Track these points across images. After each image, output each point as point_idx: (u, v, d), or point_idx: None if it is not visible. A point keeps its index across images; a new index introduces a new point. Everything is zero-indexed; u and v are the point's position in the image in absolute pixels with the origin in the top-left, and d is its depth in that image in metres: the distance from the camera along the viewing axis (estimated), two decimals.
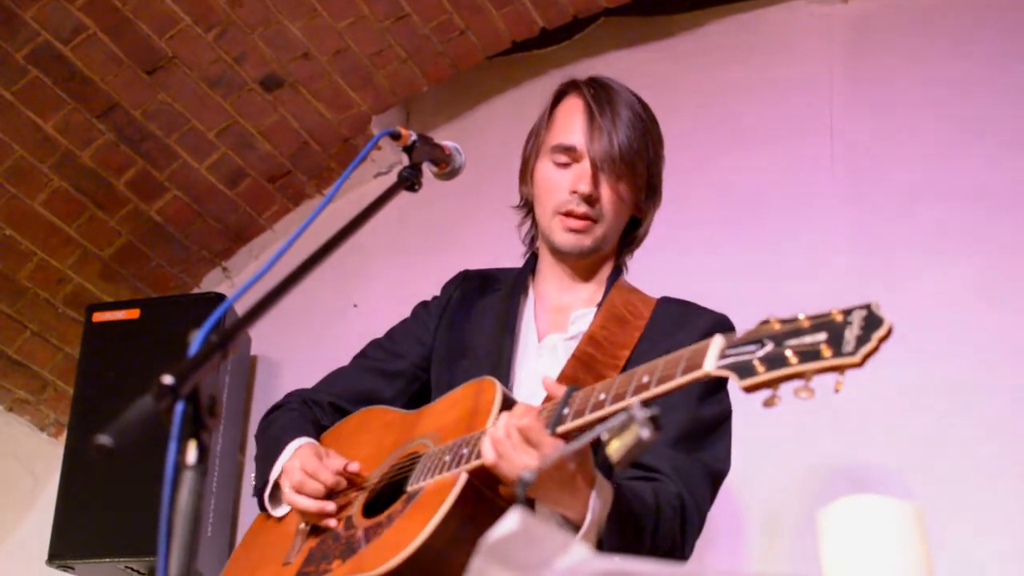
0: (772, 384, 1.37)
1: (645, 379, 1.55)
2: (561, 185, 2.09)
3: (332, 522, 1.94)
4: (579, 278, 2.17)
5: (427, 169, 2.03)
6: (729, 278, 3.22)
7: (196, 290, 4.30)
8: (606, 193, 2.08)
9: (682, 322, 2.04)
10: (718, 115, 3.71)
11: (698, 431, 1.95)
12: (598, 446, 1.92)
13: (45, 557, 3.59)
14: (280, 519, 2.10)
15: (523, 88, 4.04)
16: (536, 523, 0.96)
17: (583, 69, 3.98)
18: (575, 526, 1.71)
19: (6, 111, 3.53)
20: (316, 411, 2.22)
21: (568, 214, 2.08)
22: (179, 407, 1.17)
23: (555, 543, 0.96)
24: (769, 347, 1.38)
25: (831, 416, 3.10)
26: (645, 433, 1.36)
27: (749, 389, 1.38)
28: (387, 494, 1.90)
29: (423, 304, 2.31)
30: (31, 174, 3.70)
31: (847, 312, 1.35)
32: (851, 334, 1.32)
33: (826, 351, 1.33)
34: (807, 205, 3.44)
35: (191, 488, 1.15)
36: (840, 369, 1.32)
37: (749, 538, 3.12)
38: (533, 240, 2.26)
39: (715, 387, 2.00)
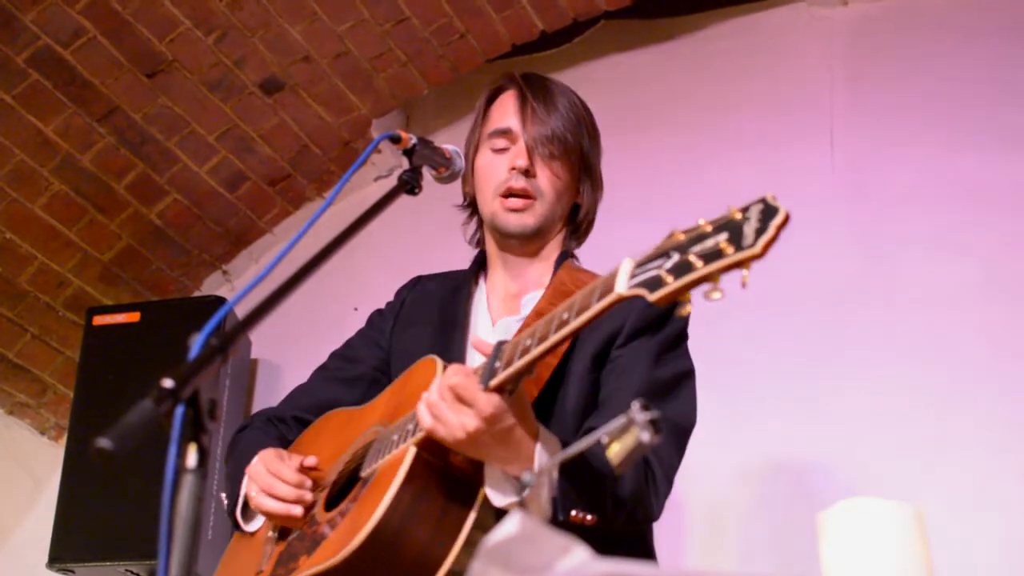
0: (681, 292, 1.40)
1: (565, 316, 1.57)
2: (500, 168, 2.13)
3: (298, 519, 1.94)
4: (527, 264, 2.18)
5: (427, 172, 2.03)
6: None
7: (196, 293, 4.30)
8: (543, 171, 2.12)
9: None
10: (718, 118, 3.71)
11: (657, 391, 1.93)
12: (554, 404, 1.93)
13: (45, 560, 3.59)
14: (253, 534, 2.09)
15: None
16: (537, 525, 0.96)
17: (583, 72, 4.02)
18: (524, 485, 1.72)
19: (6, 115, 3.54)
20: (281, 428, 2.22)
21: (508, 193, 2.10)
22: (179, 411, 1.17)
23: (556, 545, 0.96)
24: (675, 257, 1.41)
25: (831, 418, 3.11)
26: (645, 436, 1.37)
27: (659, 301, 1.41)
28: (346, 486, 1.92)
29: (378, 311, 2.34)
30: (31, 178, 3.70)
31: (745, 209, 1.38)
32: (750, 228, 1.35)
33: (728, 249, 1.35)
34: (807, 207, 3.42)
35: (191, 491, 1.16)
36: (743, 264, 1.34)
37: (749, 539, 3.12)
38: (480, 241, 2.28)
39: (672, 345, 2.01)
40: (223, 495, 2.19)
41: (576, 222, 2.22)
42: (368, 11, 3.66)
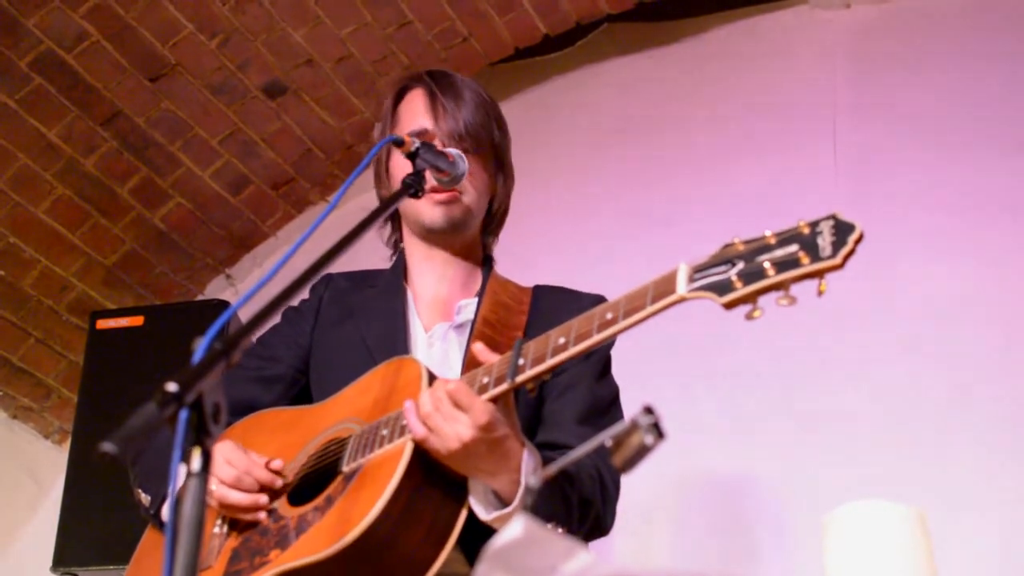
0: (752, 298, 1.41)
1: (609, 316, 1.56)
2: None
3: (261, 515, 1.88)
4: (453, 266, 2.18)
5: (430, 176, 2.04)
6: None
7: (200, 297, 4.30)
8: None
9: (564, 306, 2.08)
10: (721, 120, 3.71)
11: (599, 408, 2.01)
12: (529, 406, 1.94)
13: (49, 564, 3.59)
14: None
15: (526, 95, 4.04)
16: (540, 528, 0.96)
17: (586, 75, 4.02)
18: (504, 500, 1.73)
19: (10, 119, 3.54)
20: None
21: (433, 190, 2.07)
22: (183, 414, 1.17)
23: (560, 548, 0.96)
24: (741, 264, 1.42)
25: (834, 421, 3.10)
26: (649, 439, 1.37)
27: (729, 305, 1.42)
28: (313, 483, 1.87)
29: (293, 308, 2.26)
30: (35, 182, 3.71)
31: (813, 224, 1.40)
32: (825, 241, 1.37)
33: (804, 259, 1.37)
34: (811, 209, 3.41)
35: (195, 495, 1.16)
36: (821, 274, 1.37)
37: (754, 542, 3.12)
38: (396, 243, 2.28)
39: (606, 368, 2.09)
40: (141, 492, 2.11)
41: (491, 214, 2.23)
42: (371, 15, 3.67)
